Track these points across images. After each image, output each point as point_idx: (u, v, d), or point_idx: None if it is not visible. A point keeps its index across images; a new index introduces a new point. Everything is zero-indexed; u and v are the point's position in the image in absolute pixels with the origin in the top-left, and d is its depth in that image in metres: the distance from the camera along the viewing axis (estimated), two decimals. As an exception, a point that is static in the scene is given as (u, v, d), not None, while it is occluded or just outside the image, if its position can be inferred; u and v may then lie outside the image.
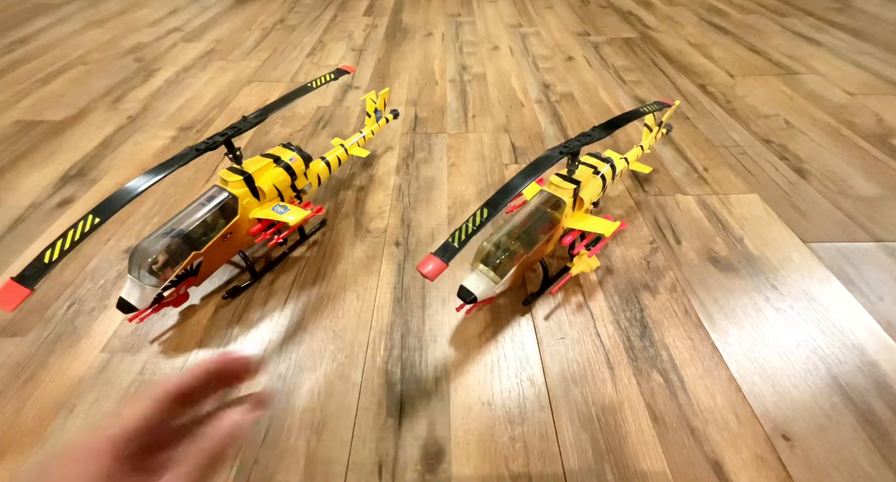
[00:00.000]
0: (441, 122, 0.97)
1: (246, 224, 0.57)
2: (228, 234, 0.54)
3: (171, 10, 1.71)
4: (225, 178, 0.55)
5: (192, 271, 0.53)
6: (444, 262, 0.40)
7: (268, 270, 0.62)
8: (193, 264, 0.52)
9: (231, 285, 0.60)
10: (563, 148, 0.51)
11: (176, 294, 0.53)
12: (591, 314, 0.56)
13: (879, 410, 0.46)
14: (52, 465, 0.18)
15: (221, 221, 0.54)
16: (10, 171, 0.85)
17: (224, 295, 0.59)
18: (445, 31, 1.48)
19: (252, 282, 0.61)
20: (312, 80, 0.69)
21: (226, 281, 0.61)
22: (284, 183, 0.61)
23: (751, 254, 0.64)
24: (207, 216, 0.53)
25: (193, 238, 0.52)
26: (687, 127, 0.93)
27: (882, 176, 0.78)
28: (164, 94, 1.12)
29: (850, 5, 1.57)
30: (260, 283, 0.61)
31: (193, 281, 0.54)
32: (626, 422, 0.46)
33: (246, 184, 0.56)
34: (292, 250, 0.66)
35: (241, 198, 0.55)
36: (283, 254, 0.65)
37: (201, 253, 0.52)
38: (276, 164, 0.61)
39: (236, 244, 0.57)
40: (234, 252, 0.58)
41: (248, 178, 0.56)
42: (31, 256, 0.65)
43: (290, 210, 0.56)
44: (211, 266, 0.56)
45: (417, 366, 0.51)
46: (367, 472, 0.43)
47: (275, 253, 0.65)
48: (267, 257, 0.65)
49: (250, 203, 0.57)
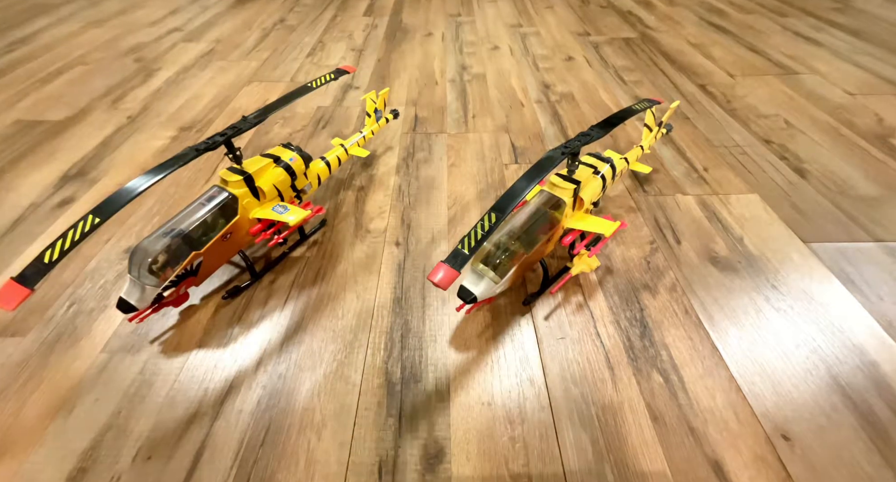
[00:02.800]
0: (441, 122, 0.97)
1: (246, 224, 0.57)
2: (228, 234, 0.54)
3: (171, 10, 1.71)
4: (225, 177, 0.55)
5: (193, 271, 0.53)
6: (455, 270, 0.39)
7: (268, 270, 0.62)
8: (193, 264, 0.52)
9: (231, 285, 0.60)
10: (564, 148, 0.51)
11: (176, 294, 0.53)
12: (591, 314, 0.56)
13: (879, 410, 0.46)
14: None
15: (221, 221, 0.54)
16: (10, 171, 0.85)
17: (224, 295, 0.59)
18: (445, 31, 1.48)
19: (252, 282, 0.61)
20: (312, 80, 0.68)
21: (226, 281, 0.61)
22: (284, 183, 0.61)
23: (751, 254, 0.64)
24: (207, 216, 0.53)
25: (193, 238, 0.52)
26: (687, 127, 0.93)
27: (882, 176, 0.78)
28: (164, 94, 1.12)
29: (850, 5, 1.57)
30: (260, 283, 0.61)
31: (194, 281, 0.54)
32: (626, 422, 0.46)
33: (246, 184, 0.56)
34: (292, 250, 0.66)
35: (242, 198, 0.55)
36: (284, 255, 0.65)
37: (201, 253, 0.52)
38: (276, 164, 0.61)
39: (236, 244, 0.57)
40: (234, 252, 0.58)
41: (248, 178, 0.56)
42: (31, 256, 0.65)
43: (290, 210, 0.56)
44: (211, 266, 0.56)
45: (417, 366, 0.51)
46: (367, 472, 0.43)
47: (275, 253, 0.65)
48: (267, 257, 0.65)
49: (250, 203, 0.57)
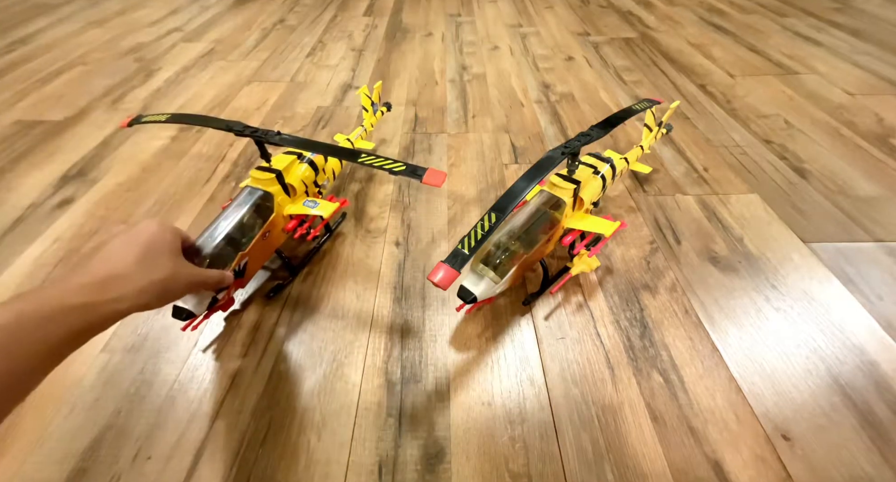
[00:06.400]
0: (441, 121, 0.97)
1: (281, 221, 0.57)
2: (267, 232, 0.55)
3: (171, 10, 1.71)
4: (257, 176, 0.56)
5: (240, 272, 0.53)
6: (455, 270, 0.39)
7: (303, 266, 0.63)
8: (241, 265, 0.52)
9: (271, 285, 0.61)
10: (564, 148, 0.51)
11: (227, 297, 0.52)
12: (591, 314, 0.56)
13: (879, 410, 0.46)
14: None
15: (260, 221, 0.55)
16: (10, 171, 0.85)
17: (268, 293, 0.59)
18: (445, 31, 1.48)
19: (292, 279, 0.61)
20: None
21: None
22: (309, 178, 0.62)
23: (751, 254, 0.64)
24: (246, 216, 0.53)
25: (237, 239, 0.52)
26: (687, 127, 0.93)
27: (882, 176, 0.78)
28: (164, 94, 1.12)
29: (850, 5, 1.57)
30: (258, 283, 0.61)
31: (240, 283, 0.54)
32: (626, 422, 0.46)
33: (278, 181, 0.57)
34: (322, 244, 0.67)
35: (276, 195, 0.56)
36: (316, 249, 0.66)
37: (246, 253, 0.52)
38: (300, 160, 0.62)
39: (274, 242, 0.58)
40: (272, 251, 0.58)
41: (279, 175, 0.56)
42: (31, 256, 0.66)
43: (319, 204, 0.57)
44: (254, 266, 0.56)
45: (417, 366, 0.51)
46: (367, 472, 0.43)
47: (300, 250, 0.66)
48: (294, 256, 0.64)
49: (283, 200, 0.57)
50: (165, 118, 0.56)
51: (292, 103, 1.06)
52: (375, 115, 0.80)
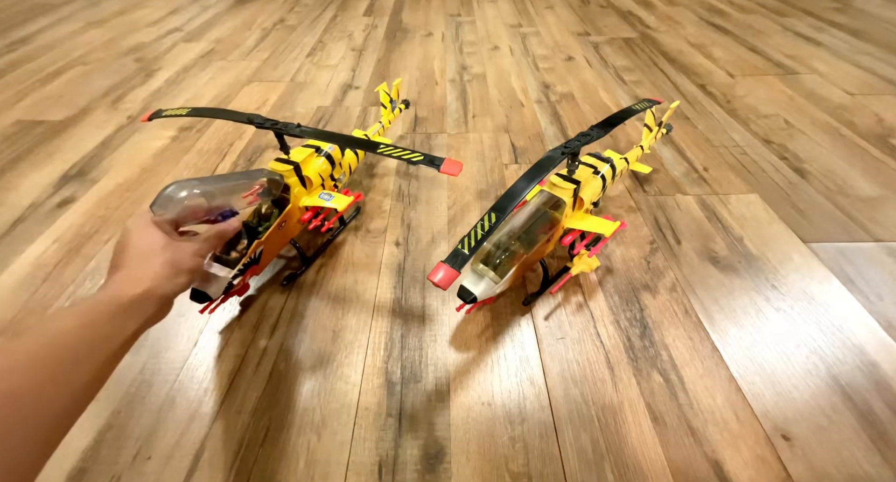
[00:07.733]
0: (441, 122, 0.97)
1: (297, 213, 0.59)
2: (283, 222, 0.56)
3: (171, 10, 1.71)
4: (276, 168, 0.56)
5: (256, 260, 0.54)
6: (455, 270, 0.39)
7: (317, 256, 0.65)
8: (256, 253, 0.53)
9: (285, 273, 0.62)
10: (564, 148, 0.51)
11: (242, 282, 0.55)
12: (591, 314, 0.56)
13: (879, 410, 0.46)
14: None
15: (276, 210, 0.56)
16: (9, 171, 0.85)
17: (283, 281, 0.61)
18: (445, 31, 1.48)
19: (306, 268, 0.63)
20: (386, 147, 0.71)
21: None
22: (325, 172, 0.63)
23: (751, 254, 0.64)
24: (264, 205, 0.55)
25: (254, 227, 0.54)
26: (687, 127, 0.93)
27: (882, 176, 0.78)
28: (165, 94, 1.12)
29: (850, 5, 1.57)
30: (260, 283, 0.61)
31: (256, 269, 0.55)
32: (626, 422, 0.46)
33: (295, 173, 0.57)
34: (335, 237, 0.68)
35: (293, 187, 0.57)
36: (329, 241, 0.67)
37: (262, 241, 0.53)
38: (317, 154, 0.63)
39: (289, 233, 0.59)
40: (287, 241, 0.60)
41: (296, 168, 0.57)
42: (31, 256, 0.65)
43: (335, 197, 0.58)
44: (269, 255, 0.57)
45: (417, 366, 0.51)
46: (367, 472, 0.43)
47: (313, 241, 0.67)
48: (307, 247, 0.65)
49: (300, 192, 0.58)
50: (186, 112, 0.57)
51: (292, 103, 1.06)
52: (394, 113, 0.81)
